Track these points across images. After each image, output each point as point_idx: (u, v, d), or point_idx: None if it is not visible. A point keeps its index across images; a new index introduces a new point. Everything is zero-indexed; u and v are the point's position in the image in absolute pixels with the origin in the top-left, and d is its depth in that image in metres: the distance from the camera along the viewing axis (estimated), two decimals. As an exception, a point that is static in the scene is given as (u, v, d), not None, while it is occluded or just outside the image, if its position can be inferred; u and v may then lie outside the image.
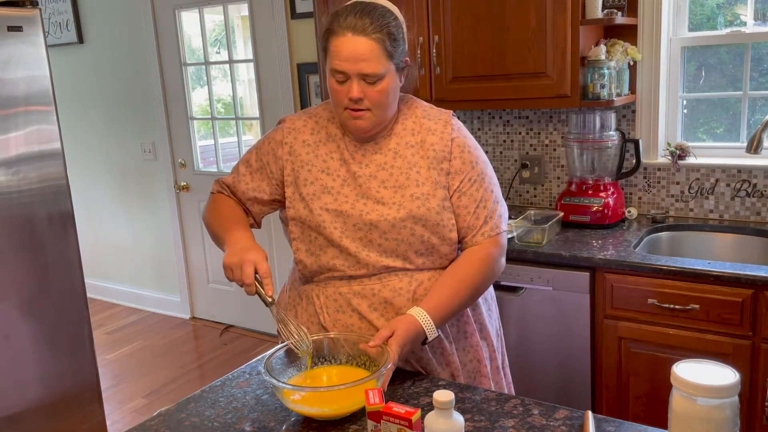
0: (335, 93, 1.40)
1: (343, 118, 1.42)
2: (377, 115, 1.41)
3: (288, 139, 1.52)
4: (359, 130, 1.42)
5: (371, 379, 1.18)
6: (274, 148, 1.54)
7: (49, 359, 2.30)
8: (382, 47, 1.35)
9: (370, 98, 1.38)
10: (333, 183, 1.47)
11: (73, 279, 2.36)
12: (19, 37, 2.16)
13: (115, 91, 4.31)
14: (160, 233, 4.41)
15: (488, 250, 1.47)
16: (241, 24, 4.14)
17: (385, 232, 1.43)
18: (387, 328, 1.31)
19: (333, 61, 1.37)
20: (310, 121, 1.53)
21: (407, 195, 1.44)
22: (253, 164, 1.57)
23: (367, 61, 1.34)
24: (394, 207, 1.43)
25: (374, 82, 1.37)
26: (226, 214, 1.53)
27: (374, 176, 1.46)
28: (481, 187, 1.48)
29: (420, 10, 2.63)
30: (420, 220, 1.43)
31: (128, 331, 4.27)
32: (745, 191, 2.48)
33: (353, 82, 1.36)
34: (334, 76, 1.38)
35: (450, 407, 1.01)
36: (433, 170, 1.45)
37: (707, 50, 2.60)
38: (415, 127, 1.49)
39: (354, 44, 1.34)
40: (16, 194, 2.18)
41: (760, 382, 1.97)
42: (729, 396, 0.93)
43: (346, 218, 1.44)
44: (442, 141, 1.47)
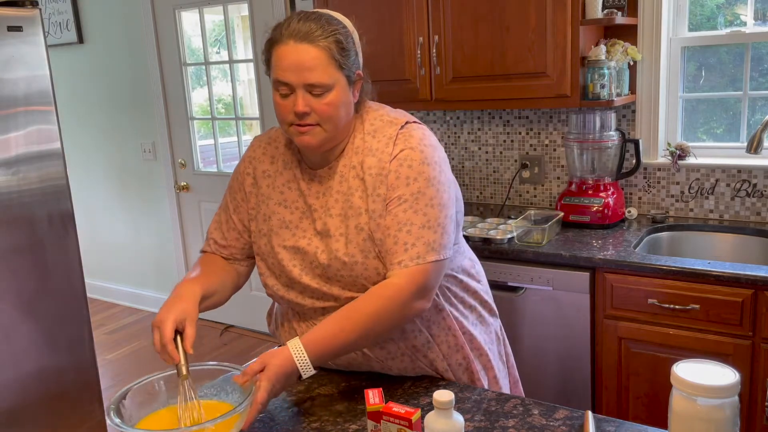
0: (279, 108, 1.28)
1: (290, 134, 1.29)
2: (327, 131, 1.27)
3: (249, 169, 1.44)
4: (307, 146, 1.29)
5: (229, 416, 1.06)
6: (241, 182, 1.45)
7: (49, 359, 2.30)
8: (329, 55, 1.24)
9: (318, 111, 1.25)
10: (291, 216, 1.37)
11: (73, 279, 2.36)
12: (19, 37, 2.16)
13: (115, 91, 4.31)
14: (160, 233, 4.41)
15: (398, 286, 1.23)
16: (241, 24, 4.14)
17: (339, 270, 1.31)
18: (259, 361, 1.17)
19: (276, 72, 1.25)
20: (269, 148, 1.44)
21: (351, 227, 1.30)
22: (230, 207, 1.48)
23: (312, 71, 1.22)
24: (341, 240, 1.31)
25: (321, 94, 1.24)
26: (191, 272, 1.44)
27: (326, 205, 1.34)
28: (410, 209, 1.26)
29: (420, 10, 2.63)
30: (370, 253, 1.29)
31: (128, 331, 4.27)
32: (745, 191, 2.48)
33: (298, 95, 1.24)
34: (278, 90, 1.26)
35: (450, 407, 1.01)
36: (369, 197, 1.29)
37: (707, 50, 2.60)
38: (360, 145, 1.34)
39: (298, 52, 1.22)
40: (16, 194, 2.18)
41: (760, 382, 1.97)
42: (729, 396, 0.93)
43: (303, 255, 1.34)
44: (380, 163, 1.30)
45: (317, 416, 1.26)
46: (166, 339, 1.18)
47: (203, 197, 4.14)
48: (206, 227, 4.18)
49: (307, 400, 1.33)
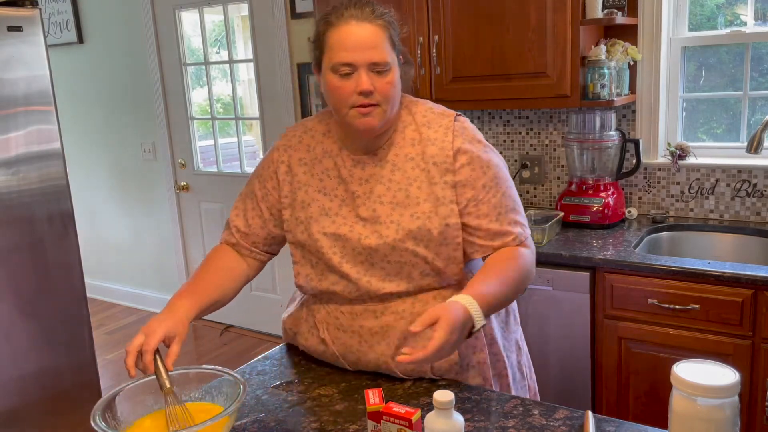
0: (338, 90, 1.27)
1: (349, 118, 1.29)
2: (386, 111, 1.29)
3: (284, 157, 1.44)
4: (368, 129, 1.29)
5: (219, 418, 1.05)
6: (274, 169, 1.45)
7: (49, 359, 2.30)
8: (388, 34, 1.27)
9: (380, 91, 1.26)
10: (331, 204, 1.38)
11: (73, 279, 2.36)
12: (19, 37, 2.16)
13: (115, 91, 4.31)
14: (160, 233, 4.41)
15: (520, 250, 1.35)
16: (241, 24, 4.14)
17: (386, 255, 1.33)
18: (429, 313, 1.13)
19: (338, 54, 1.25)
20: (305, 137, 1.44)
21: (406, 215, 1.32)
22: (257, 194, 1.47)
23: (375, 49, 1.25)
24: (392, 227, 1.33)
25: (383, 72, 1.26)
26: (192, 277, 1.43)
27: (372, 192, 1.35)
28: (498, 192, 1.35)
29: (420, 10, 2.63)
30: (422, 241, 1.32)
31: (128, 331, 4.27)
32: (745, 191, 2.48)
33: (361, 74, 1.25)
34: (338, 72, 1.26)
35: (450, 407, 1.01)
36: (435, 185, 1.33)
37: (707, 50, 2.60)
38: (415, 136, 1.36)
39: (360, 31, 1.25)
40: (16, 194, 2.18)
41: (760, 382, 1.97)
42: (729, 396, 0.93)
43: (345, 242, 1.35)
44: (442, 152, 1.34)
45: (317, 416, 1.26)
46: (149, 348, 1.19)
47: (203, 197, 4.14)
48: (206, 227, 4.18)
49: (307, 400, 1.33)
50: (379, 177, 1.36)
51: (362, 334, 1.38)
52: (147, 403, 1.18)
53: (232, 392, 1.15)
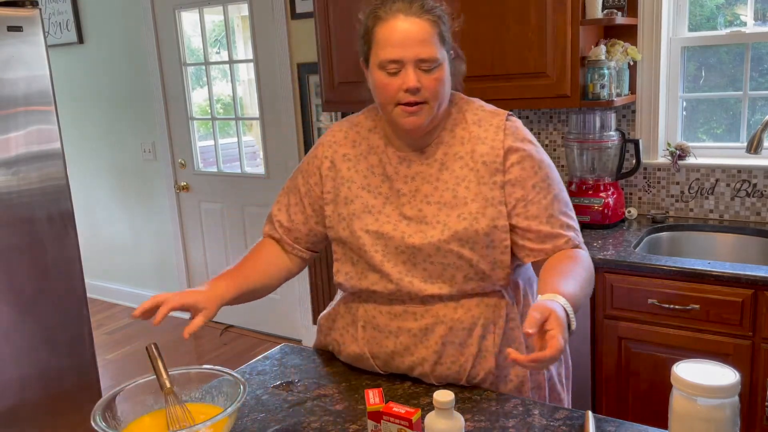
0: (384, 87, 1.24)
1: (395, 116, 1.26)
2: (433, 109, 1.26)
3: (328, 153, 1.41)
4: (415, 128, 1.26)
5: (219, 418, 1.05)
6: (318, 165, 1.42)
7: (49, 359, 2.30)
8: (437, 30, 1.23)
9: (427, 88, 1.23)
10: (374, 201, 1.34)
11: (73, 279, 2.36)
12: (19, 37, 2.16)
13: (115, 91, 4.31)
14: (160, 233, 4.41)
15: (579, 252, 1.28)
16: (241, 24, 4.14)
17: (430, 256, 1.29)
18: (539, 310, 1.05)
19: (384, 50, 1.22)
20: (351, 132, 1.41)
21: (453, 215, 1.28)
22: (301, 190, 1.45)
23: (423, 44, 1.21)
24: (438, 227, 1.29)
25: (430, 69, 1.22)
26: (237, 263, 1.43)
27: (418, 191, 1.32)
28: (549, 194, 1.30)
29: (420, 10, 2.62)
30: (467, 243, 1.27)
31: (128, 331, 4.27)
32: (745, 191, 2.48)
33: (408, 71, 1.21)
34: (385, 68, 1.23)
35: (450, 407, 1.01)
36: (484, 185, 1.28)
37: (707, 50, 2.60)
38: (464, 135, 1.32)
39: (408, 26, 1.21)
40: (16, 194, 2.18)
41: (760, 382, 1.97)
42: (729, 396, 0.93)
43: (387, 240, 1.31)
44: (493, 151, 1.29)
45: (317, 416, 1.26)
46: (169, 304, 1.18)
47: (203, 197, 4.14)
48: (206, 227, 4.18)
49: (307, 400, 1.33)
50: (426, 176, 1.32)
51: (400, 336, 1.34)
52: (147, 403, 1.18)
53: (232, 392, 1.15)
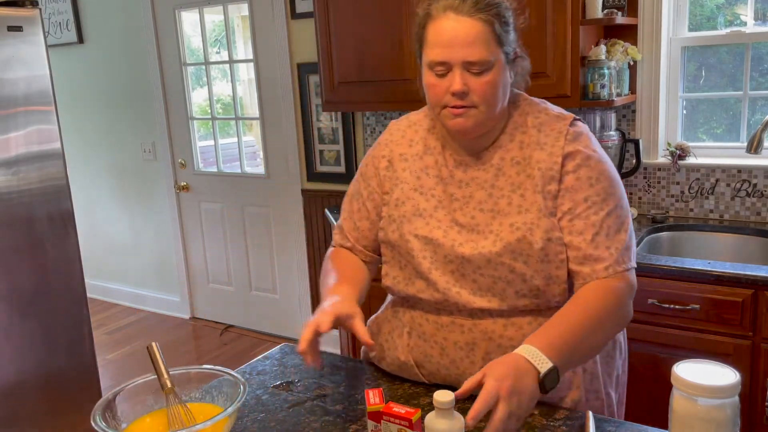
0: (432, 89, 1.19)
1: (442, 118, 1.21)
2: (483, 113, 1.18)
3: (385, 152, 1.35)
4: (461, 130, 1.20)
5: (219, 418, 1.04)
6: (376, 165, 1.36)
7: (49, 359, 2.30)
8: (491, 30, 1.14)
9: (476, 91, 1.15)
10: (426, 204, 1.27)
11: (73, 279, 2.36)
12: (19, 37, 2.16)
13: (115, 91, 4.31)
14: (160, 233, 4.41)
15: (614, 284, 1.17)
16: (241, 24, 4.14)
17: (480, 267, 1.22)
18: (479, 374, 1.02)
19: (432, 51, 1.16)
20: (408, 131, 1.35)
21: (506, 224, 1.21)
22: (363, 194, 1.38)
23: (471, 46, 1.13)
24: (490, 237, 1.21)
25: (480, 72, 1.15)
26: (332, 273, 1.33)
27: (471, 197, 1.25)
28: (601, 210, 1.19)
29: (420, 10, 2.62)
30: (521, 256, 1.19)
31: (128, 331, 4.27)
32: (745, 191, 2.48)
33: (455, 73, 1.15)
34: (432, 69, 1.18)
35: (450, 407, 1.00)
36: (539, 194, 1.20)
37: (707, 50, 2.60)
38: (524, 139, 1.24)
39: (456, 26, 1.13)
40: (16, 194, 2.18)
41: (760, 382, 1.97)
42: (729, 396, 0.93)
43: (436, 247, 1.25)
44: (551, 158, 1.21)
45: (317, 416, 1.26)
46: (322, 329, 1.13)
47: (203, 197, 4.14)
48: (206, 227, 4.18)
49: (307, 400, 1.33)
50: (482, 182, 1.25)
51: (445, 347, 1.28)
52: (147, 403, 1.18)
53: (232, 392, 1.15)
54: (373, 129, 3.33)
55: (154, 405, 1.18)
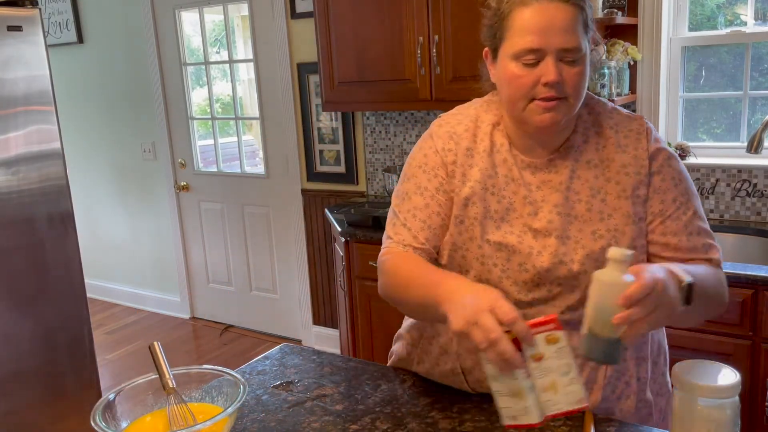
0: (517, 80, 1.08)
1: (528, 113, 1.10)
2: (573, 106, 1.10)
3: (450, 145, 1.22)
4: (551, 125, 1.10)
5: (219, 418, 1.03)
6: (443, 157, 1.21)
7: (49, 359, 2.30)
8: (582, 16, 1.07)
9: (569, 82, 1.07)
10: (498, 206, 1.17)
11: (73, 279, 2.36)
12: (19, 37, 2.16)
13: (115, 91, 4.31)
14: (160, 233, 4.41)
15: (716, 269, 1.15)
16: (241, 24, 4.14)
17: (558, 278, 1.14)
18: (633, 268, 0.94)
19: (523, 38, 1.06)
20: (471, 125, 1.22)
21: (587, 231, 1.14)
22: (429, 188, 1.21)
23: (568, 32, 1.05)
24: (569, 244, 1.14)
25: (573, 61, 1.06)
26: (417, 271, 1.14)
27: (545, 200, 1.15)
28: (689, 210, 1.16)
29: (420, 10, 2.63)
30: (600, 262, 1.10)
31: (128, 331, 4.27)
32: (746, 191, 2.48)
33: (548, 62, 1.06)
34: (520, 59, 1.07)
35: (629, 260, 0.91)
36: (626, 200, 1.14)
37: (707, 50, 2.60)
38: (599, 140, 1.17)
39: (552, 11, 1.05)
40: (16, 194, 2.18)
41: (760, 382, 1.97)
42: (730, 396, 0.93)
43: (510, 254, 1.16)
44: (637, 161, 1.15)
45: (317, 416, 1.26)
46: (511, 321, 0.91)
47: (203, 197, 4.14)
48: (206, 227, 4.18)
49: (307, 400, 1.33)
50: (556, 184, 1.16)
51: None
52: (147, 403, 1.18)
53: (232, 392, 1.15)
54: (373, 129, 3.33)
55: (154, 405, 1.18)
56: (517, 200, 1.17)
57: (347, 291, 2.86)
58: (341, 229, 2.79)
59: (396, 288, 1.17)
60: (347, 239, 2.77)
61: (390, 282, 1.18)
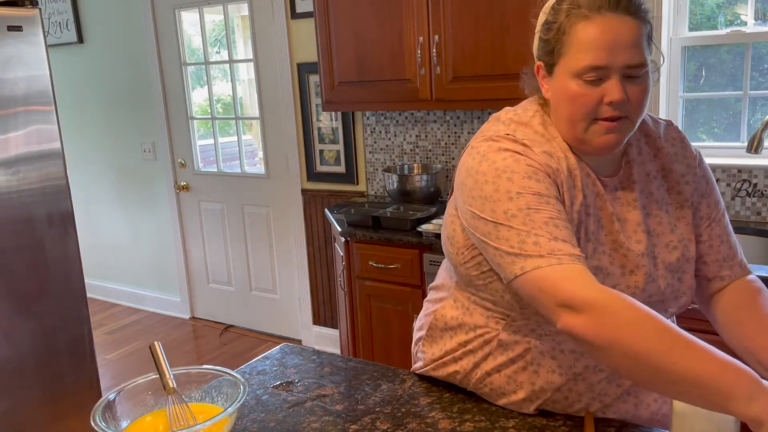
0: (579, 99, 1.03)
1: (589, 134, 1.04)
2: (634, 124, 1.05)
3: (552, 163, 1.08)
4: (612, 146, 1.04)
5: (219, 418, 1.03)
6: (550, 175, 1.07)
7: (49, 359, 2.30)
8: (646, 31, 1.03)
9: (633, 100, 1.02)
10: (593, 226, 1.09)
11: (73, 279, 2.36)
12: (19, 37, 2.16)
13: (115, 91, 4.32)
14: (160, 233, 4.41)
15: (759, 284, 1.16)
16: (241, 24, 4.14)
17: (651, 296, 1.12)
18: None
19: (587, 55, 1.00)
20: (541, 140, 1.11)
21: (661, 245, 1.12)
22: (548, 194, 1.04)
23: (634, 48, 1.00)
24: (650, 261, 1.11)
25: (637, 77, 1.02)
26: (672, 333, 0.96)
27: (627, 219, 1.11)
28: (723, 209, 1.19)
29: (420, 10, 2.63)
30: (677, 273, 1.12)
31: (128, 331, 4.27)
32: (746, 191, 2.48)
33: (613, 80, 1.01)
34: (581, 77, 1.02)
35: None
36: (687, 209, 1.14)
37: (707, 50, 2.60)
38: (650, 150, 1.15)
39: (617, 26, 0.99)
40: (16, 194, 2.18)
41: (760, 382, 1.96)
42: (730, 396, 0.93)
43: (604, 278, 1.09)
44: (690, 169, 1.15)
45: (317, 416, 1.26)
46: None
47: (203, 197, 4.14)
48: (206, 227, 4.18)
49: (307, 400, 1.33)
50: (631, 201, 1.12)
51: (587, 376, 1.15)
52: (147, 403, 1.18)
53: (232, 392, 1.15)
54: (373, 129, 3.33)
55: (154, 405, 1.18)
56: (605, 217, 1.11)
57: (347, 291, 2.86)
58: (341, 229, 2.79)
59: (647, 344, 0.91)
60: (347, 239, 2.77)
61: (637, 334, 0.91)
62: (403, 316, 2.68)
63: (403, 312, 2.67)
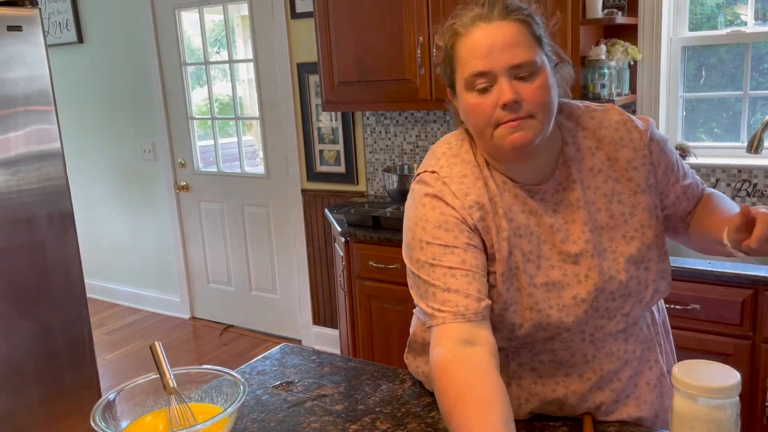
0: (477, 109, 1.04)
1: (497, 140, 1.04)
2: (542, 122, 1.03)
3: (467, 201, 1.10)
4: (522, 145, 1.03)
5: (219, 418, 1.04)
6: (465, 218, 1.09)
7: (49, 359, 2.30)
8: (529, 30, 1.04)
9: (530, 98, 1.02)
10: (530, 246, 1.10)
11: (73, 279, 2.36)
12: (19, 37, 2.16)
13: (115, 91, 4.32)
14: (160, 233, 4.41)
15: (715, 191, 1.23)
16: (241, 24, 4.14)
17: (612, 293, 1.11)
18: None
19: (469, 66, 1.03)
20: (476, 171, 1.12)
21: (617, 238, 1.12)
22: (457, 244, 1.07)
23: (514, 47, 1.01)
24: (608, 256, 1.11)
25: (529, 76, 1.02)
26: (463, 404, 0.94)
27: (573, 221, 1.11)
28: (680, 170, 1.19)
29: (420, 10, 2.63)
30: (642, 263, 1.12)
31: (128, 331, 4.27)
32: (746, 191, 2.48)
33: (501, 83, 1.01)
34: (474, 87, 1.03)
35: None
36: (642, 194, 1.12)
37: (707, 50, 2.60)
38: (590, 144, 1.13)
39: (492, 32, 1.02)
40: (16, 194, 2.18)
41: (760, 382, 1.97)
42: (730, 396, 0.93)
43: (560, 291, 1.10)
44: (638, 153, 1.13)
45: (317, 416, 1.26)
46: None
47: (203, 197, 4.14)
48: (206, 227, 4.18)
49: (307, 400, 1.33)
50: (571, 202, 1.12)
51: (568, 382, 1.17)
52: (147, 403, 1.18)
53: (232, 392, 1.15)
54: (373, 129, 3.33)
55: (154, 405, 1.18)
56: (544, 231, 1.11)
57: (347, 291, 2.86)
58: (341, 229, 2.79)
59: (441, 403, 0.98)
60: (347, 239, 2.77)
61: (439, 396, 0.99)
62: (403, 316, 2.68)
63: (403, 312, 2.67)
